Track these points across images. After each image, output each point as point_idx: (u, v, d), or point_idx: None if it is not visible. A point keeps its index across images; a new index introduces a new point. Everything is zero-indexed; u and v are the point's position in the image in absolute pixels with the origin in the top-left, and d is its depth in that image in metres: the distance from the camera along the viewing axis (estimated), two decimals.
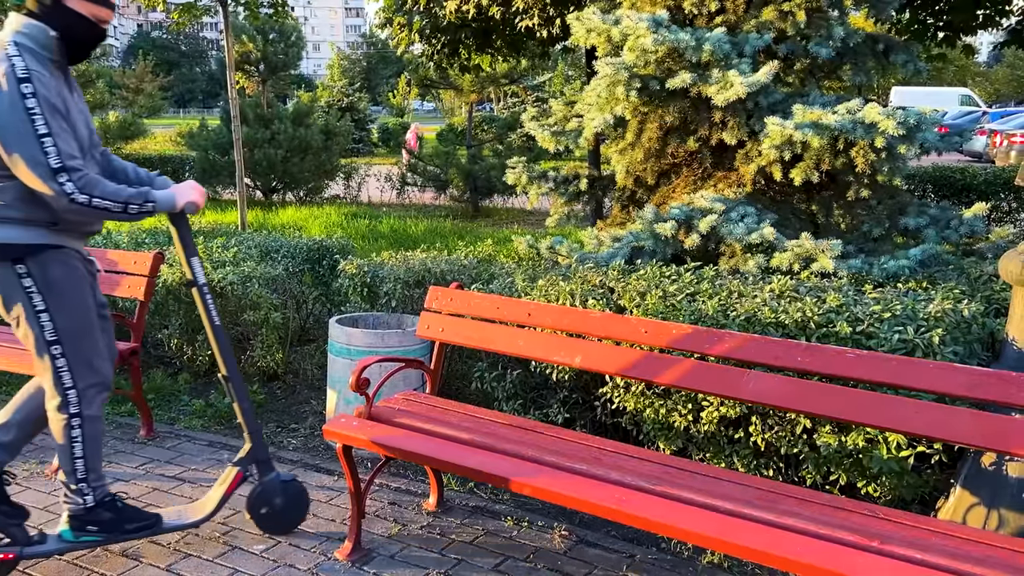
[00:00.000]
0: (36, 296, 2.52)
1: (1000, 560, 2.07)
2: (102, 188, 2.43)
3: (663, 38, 4.01)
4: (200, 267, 2.81)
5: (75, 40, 2.47)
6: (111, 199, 2.45)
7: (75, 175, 2.38)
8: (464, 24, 7.61)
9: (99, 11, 2.48)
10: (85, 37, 2.49)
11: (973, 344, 3.07)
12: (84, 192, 2.39)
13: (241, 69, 14.96)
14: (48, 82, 2.37)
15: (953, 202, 9.35)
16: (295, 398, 4.60)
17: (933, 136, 3.78)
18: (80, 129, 2.49)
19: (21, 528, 2.73)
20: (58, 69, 2.47)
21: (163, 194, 2.58)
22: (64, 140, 2.37)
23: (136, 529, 2.79)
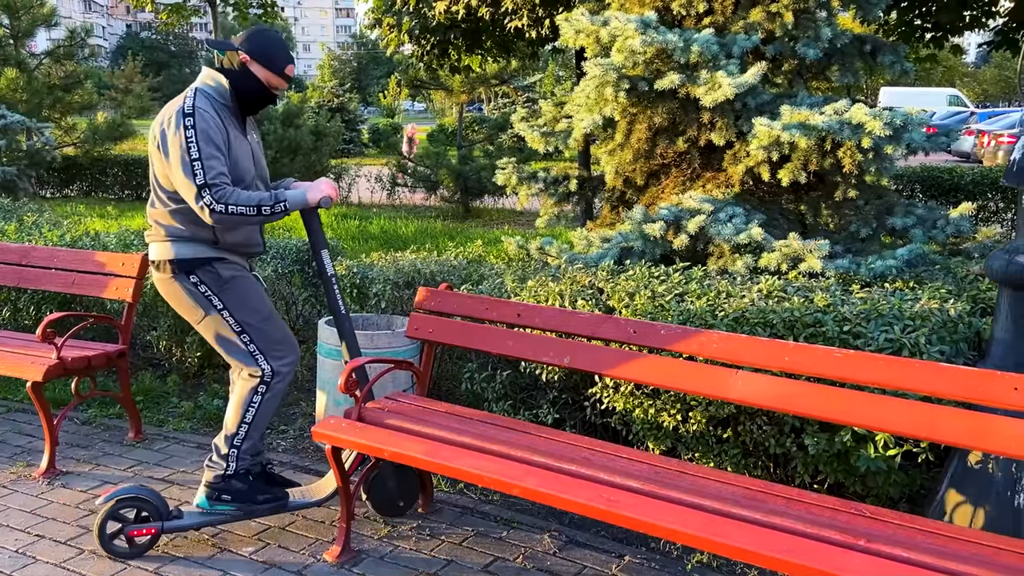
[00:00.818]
0: (214, 298, 2.95)
1: (985, 558, 2.08)
2: (236, 196, 2.80)
3: (651, 39, 4.03)
4: (329, 259, 3.12)
5: (248, 96, 2.96)
6: (244, 204, 2.80)
7: (215, 190, 2.77)
8: (453, 24, 7.61)
9: (272, 79, 2.94)
10: (256, 96, 2.97)
11: (959, 343, 3.09)
12: (220, 202, 2.77)
13: None
14: (211, 119, 2.81)
15: (941, 202, 9.41)
16: (284, 400, 4.59)
17: (920, 136, 3.80)
18: (242, 162, 2.92)
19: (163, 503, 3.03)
20: (231, 115, 2.94)
21: (294, 193, 2.90)
22: (212, 164, 2.78)
23: (265, 502, 3.07)
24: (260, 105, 3.02)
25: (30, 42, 16.29)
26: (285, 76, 2.96)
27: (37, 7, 15.68)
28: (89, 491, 3.50)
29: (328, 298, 3.12)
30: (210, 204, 2.76)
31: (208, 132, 2.79)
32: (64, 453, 3.89)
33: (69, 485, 3.56)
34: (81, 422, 4.31)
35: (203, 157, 2.77)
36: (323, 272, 3.10)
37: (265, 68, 2.92)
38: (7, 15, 15.19)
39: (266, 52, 2.91)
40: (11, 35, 15.40)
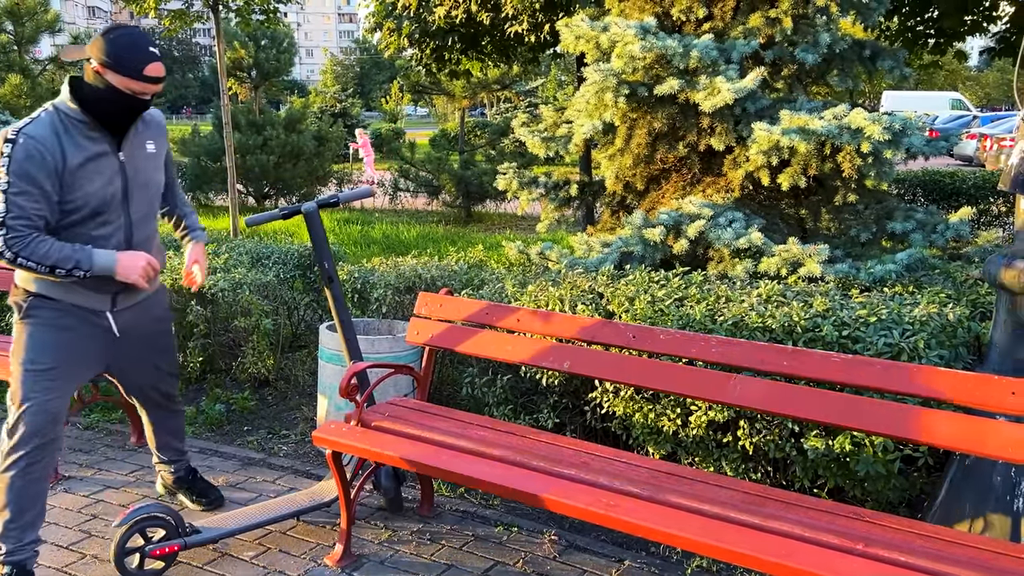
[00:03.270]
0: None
1: (983, 562, 2.09)
2: (31, 248, 2.55)
3: (651, 45, 4.04)
4: (332, 264, 3.21)
5: (107, 108, 2.63)
6: (36, 260, 2.57)
7: (9, 234, 2.53)
8: (453, 29, 7.63)
9: (132, 84, 2.61)
10: (118, 107, 2.64)
11: (958, 348, 3.09)
12: (10, 249, 2.54)
13: (233, 75, 14.96)
14: (36, 149, 2.53)
15: (942, 206, 9.40)
16: (286, 404, 4.61)
17: (919, 141, 3.81)
18: (89, 187, 2.63)
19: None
20: (90, 132, 2.65)
21: (104, 260, 2.66)
22: (18, 201, 2.52)
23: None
24: (127, 117, 2.68)
25: (34, 48, 16.38)
26: (147, 78, 2.61)
27: (41, 13, 15.76)
28: (91, 495, 3.52)
29: (334, 303, 3.14)
30: (1, 247, 2.53)
31: (25, 165, 2.52)
32: (66, 458, 3.90)
33: (71, 490, 3.57)
34: (83, 427, 4.33)
35: (9, 191, 2.51)
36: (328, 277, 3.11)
37: (119, 74, 2.58)
38: (11, 21, 15.27)
39: (117, 56, 2.57)
40: (15, 41, 15.48)
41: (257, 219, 3.06)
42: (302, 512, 3.17)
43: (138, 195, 2.78)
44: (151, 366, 3.09)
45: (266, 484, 3.64)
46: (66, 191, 2.60)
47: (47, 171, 2.55)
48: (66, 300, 2.75)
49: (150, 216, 2.87)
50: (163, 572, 2.89)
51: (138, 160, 2.78)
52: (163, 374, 3.14)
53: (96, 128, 2.66)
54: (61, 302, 2.74)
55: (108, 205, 2.69)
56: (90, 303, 2.79)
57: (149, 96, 2.67)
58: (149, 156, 2.83)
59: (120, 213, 2.74)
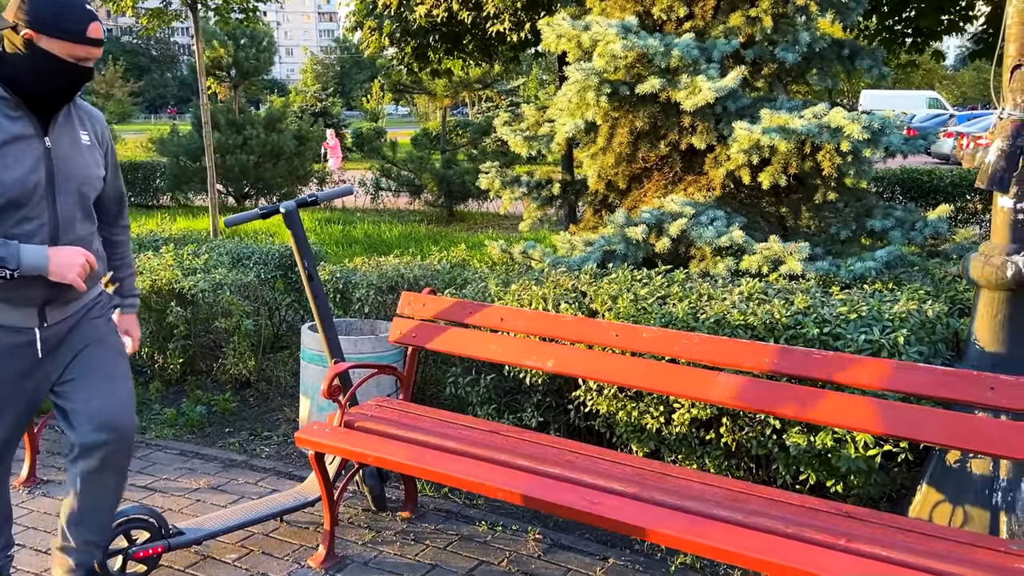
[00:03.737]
0: None
1: (963, 556, 2.11)
2: None
3: (632, 44, 4.05)
4: (313, 264, 3.14)
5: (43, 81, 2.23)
6: None
7: None
8: (434, 28, 7.61)
9: (75, 49, 2.21)
10: (59, 78, 2.24)
11: (937, 344, 3.12)
12: None
13: (212, 74, 14.84)
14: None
15: (920, 204, 9.50)
16: (268, 406, 4.58)
17: (897, 139, 3.84)
18: (13, 173, 2.20)
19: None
20: (12, 111, 2.23)
21: (34, 255, 2.21)
22: None
23: None
24: (69, 91, 2.28)
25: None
26: (90, 40, 2.22)
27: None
28: None
29: (314, 302, 3.13)
30: None
31: None
32: (44, 462, 3.86)
33: (50, 494, 3.53)
34: (61, 430, 4.27)
35: None
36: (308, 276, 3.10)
37: (59, 39, 2.18)
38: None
39: (52, 18, 2.17)
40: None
41: (236, 219, 3.03)
42: (285, 513, 3.15)
43: (66, 189, 2.32)
44: (98, 393, 2.45)
45: (248, 486, 3.61)
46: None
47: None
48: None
49: (82, 219, 2.39)
50: (146, 575, 2.87)
51: (68, 148, 2.34)
52: (121, 402, 2.48)
53: (19, 107, 2.24)
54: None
55: (29, 198, 2.23)
56: (13, 320, 2.30)
57: (92, 63, 2.27)
58: (84, 148, 2.39)
59: (44, 209, 2.27)
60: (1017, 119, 2.74)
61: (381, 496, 3.33)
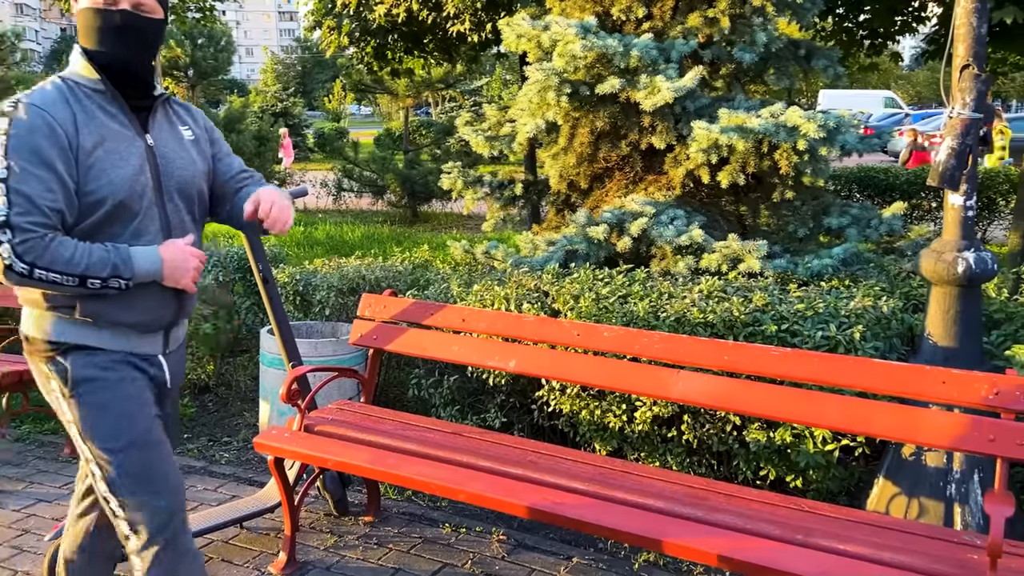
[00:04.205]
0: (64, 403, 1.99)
1: (917, 547, 2.15)
2: (53, 252, 1.83)
3: (591, 44, 4.06)
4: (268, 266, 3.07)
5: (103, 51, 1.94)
6: (62, 269, 1.83)
7: (21, 235, 1.79)
8: (394, 27, 7.57)
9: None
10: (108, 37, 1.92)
11: (893, 339, 3.18)
12: (24, 258, 1.80)
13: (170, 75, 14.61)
14: (42, 119, 1.86)
15: (877, 201, 9.66)
16: (228, 411, 4.51)
17: (853, 138, 3.90)
18: (114, 174, 1.92)
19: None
20: (109, 106, 1.97)
21: (144, 260, 1.94)
22: (27, 189, 1.81)
23: None
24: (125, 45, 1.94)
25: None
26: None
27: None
28: (23, 510, 3.39)
29: (270, 304, 3.09)
30: (8, 258, 1.80)
31: (31, 140, 1.84)
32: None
33: (2, 505, 3.44)
34: (14, 439, 4.17)
35: (10, 181, 1.81)
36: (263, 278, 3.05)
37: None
38: None
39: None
40: None
41: None
42: (245, 519, 3.11)
43: (175, 192, 2.06)
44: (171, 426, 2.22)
45: (207, 492, 3.56)
46: (83, 178, 1.89)
47: (59, 146, 1.86)
48: (115, 347, 1.99)
49: (192, 223, 2.13)
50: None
51: (171, 146, 2.07)
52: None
53: (115, 100, 1.97)
54: (110, 352, 1.98)
55: (139, 202, 1.97)
56: (143, 347, 2.04)
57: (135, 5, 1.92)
58: (187, 144, 2.12)
59: (155, 216, 2.01)
60: (966, 118, 2.80)
61: (343, 500, 3.30)
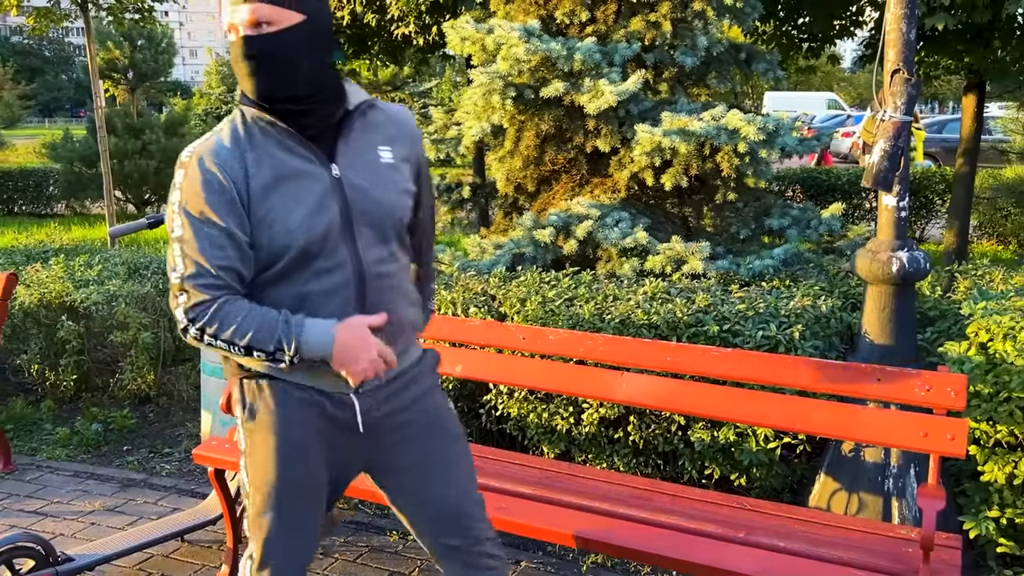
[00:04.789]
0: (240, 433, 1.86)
1: (855, 543, 2.19)
2: (223, 322, 1.69)
3: (535, 48, 4.07)
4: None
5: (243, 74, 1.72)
6: (230, 337, 1.69)
7: (193, 299, 1.69)
8: (339, 30, 7.49)
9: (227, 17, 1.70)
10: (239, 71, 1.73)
11: (832, 338, 3.24)
12: (196, 323, 1.69)
13: (108, 77, 14.25)
14: (211, 170, 1.70)
15: (819, 202, 9.88)
16: (169, 421, 4.41)
17: (791, 141, 3.98)
18: (288, 221, 1.71)
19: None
20: (286, 140, 1.74)
21: (315, 339, 1.70)
22: (203, 248, 1.69)
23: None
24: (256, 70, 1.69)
25: None
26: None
27: None
28: None
29: None
30: (182, 321, 1.72)
31: (201, 198, 1.70)
32: None
33: None
34: None
35: (183, 239, 1.70)
36: None
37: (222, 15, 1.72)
38: None
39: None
40: None
41: (120, 230, 2.87)
42: (186, 532, 3.03)
43: (368, 226, 1.79)
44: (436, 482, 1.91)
45: (148, 506, 3.47)
46: (257, 231, 1.72)
47: (229, 201, 1.70)
48: (297, 380, 1.80)
49: (390, 258, 1.83)
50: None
51: (363, 173, 1.79)
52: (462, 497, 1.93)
53: (292, 135, 1.74)
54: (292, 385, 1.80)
55: (321, 244, 1.74)
56: (324, 383, 1.81)
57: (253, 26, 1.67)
58: (382, 168, 1.82)
59: (344, 256, 1.76)
60: (898, 121, 2.87)
61: None
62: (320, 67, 1.75)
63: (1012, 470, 2.69)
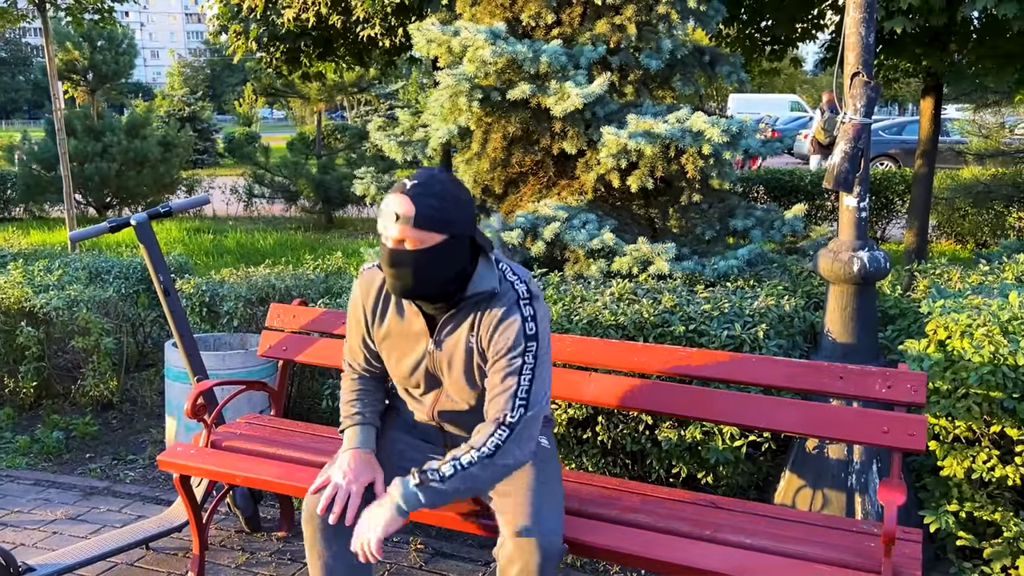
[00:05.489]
0: None
1: (819, 538, 2.22)
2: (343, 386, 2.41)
3: (501, 50, 4.07)
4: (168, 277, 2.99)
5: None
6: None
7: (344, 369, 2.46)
8: (304, 32, 7.43)
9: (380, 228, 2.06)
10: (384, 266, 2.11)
11: (795, 337, 3.29)
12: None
13: (67, 78, 14.00)
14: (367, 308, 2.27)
15: (783, 202, 10.02)
16: (133, 427, 4.34)
17: (755, 143, 4.03)
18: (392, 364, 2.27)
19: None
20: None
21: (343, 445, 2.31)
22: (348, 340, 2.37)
23: None
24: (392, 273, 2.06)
25: None
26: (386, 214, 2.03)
27: None
28: None
29: (172, 317, 2.98)
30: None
31: (350, 307, 2.33)
32: None
33: None
34: None
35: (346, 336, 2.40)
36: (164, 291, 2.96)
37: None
38: None
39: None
40: None
41: (81, 234, 2.83)
42: (151, 540, 2.99)
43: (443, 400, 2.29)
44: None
45: (111, 514, 3.41)
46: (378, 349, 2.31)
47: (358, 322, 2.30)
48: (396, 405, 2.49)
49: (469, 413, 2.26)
50: None
51: (449, 356, 2.17)
52: None
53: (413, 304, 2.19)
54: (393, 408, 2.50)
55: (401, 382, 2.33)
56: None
57: (398, 242, 2.01)
58: (462, 355, 2.16)
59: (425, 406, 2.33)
60: (857, 123, 2.92)
61: (254, 516, 3.21)
62: (454, 274, 2.06)
63: (970, 465, 2.75)
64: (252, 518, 3.21)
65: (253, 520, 3.21)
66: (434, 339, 2.16)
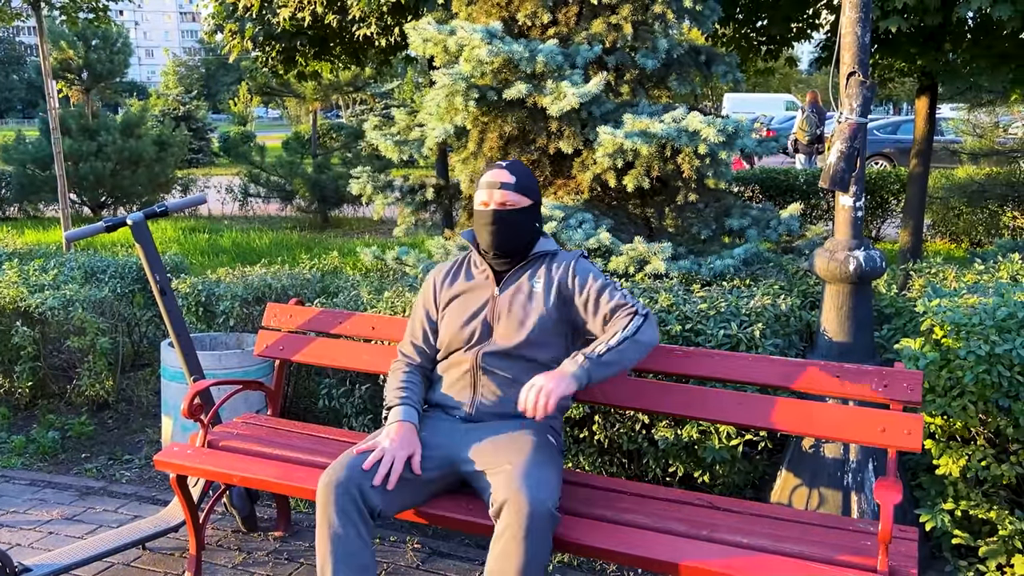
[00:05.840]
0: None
1: (815, 538, 2.23)
2: (391, 374, 2.67)
3: (497, 49, 4.07)
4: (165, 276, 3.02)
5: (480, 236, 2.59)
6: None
7: (397, 356, 2.72)
8: (300, 31, 7.42)
9: (478, 193, 2.58)
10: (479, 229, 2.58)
11: (791, 336, 3.29)
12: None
13: (62, 77, 13.95)
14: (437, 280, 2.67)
15: (778, 202, 10.03)
16: (129, 427, 4.33)
17: (751, 142, 4.03)
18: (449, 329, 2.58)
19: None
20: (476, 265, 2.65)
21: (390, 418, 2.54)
22: (410, 328, 2.71)
23: None
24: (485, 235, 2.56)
25: None
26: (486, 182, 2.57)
27: None
28: None
29: (168, 317, 2.98)
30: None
31: (421, 293, 2.72)
32: None
33: None
34: None
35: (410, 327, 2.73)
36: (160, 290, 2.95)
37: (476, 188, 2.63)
38: None
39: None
40: None
41: (77, 234, 2.83)
42: (147, 540, 2.99)
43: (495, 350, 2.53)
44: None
45: (107, 514, 3.41)
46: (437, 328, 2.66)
47: (427, 303, 2.68)
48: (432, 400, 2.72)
49: (507, 387, 2.51)
50: None
51: (510, 302, 2.56)
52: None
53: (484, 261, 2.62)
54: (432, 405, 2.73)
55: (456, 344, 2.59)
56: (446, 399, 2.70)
57: (500, 204, 2.52)
58: (523, 300, 2.55)
59: (467, 363, 2.57)
60: (853, 122, 2.93)
61: (251, 516, 3.21)
62: (530, 235, 2.59)
63: (966, 463, 2.76)
64: (249, 518, 3.21)
65: (250, 520, 3.21)
66: (500, 286, 2.56)
